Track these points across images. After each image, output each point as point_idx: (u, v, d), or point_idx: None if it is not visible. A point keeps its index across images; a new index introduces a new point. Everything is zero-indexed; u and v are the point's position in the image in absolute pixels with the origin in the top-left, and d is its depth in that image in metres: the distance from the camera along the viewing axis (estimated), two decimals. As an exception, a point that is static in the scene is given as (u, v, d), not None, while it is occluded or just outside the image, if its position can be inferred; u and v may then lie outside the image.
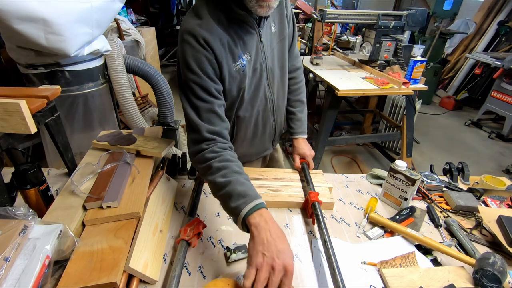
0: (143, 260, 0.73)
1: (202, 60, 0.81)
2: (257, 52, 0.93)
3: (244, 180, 0.76)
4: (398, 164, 1.02)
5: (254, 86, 0.97)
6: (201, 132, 0.82)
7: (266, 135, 1.15)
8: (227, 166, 0.78)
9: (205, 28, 0.80)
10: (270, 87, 1.02)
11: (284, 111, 1.19)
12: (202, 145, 0.83)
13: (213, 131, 0.83)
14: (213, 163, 0.79)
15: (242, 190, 0.73)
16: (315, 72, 2.43)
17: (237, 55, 0.87)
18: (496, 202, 1.08)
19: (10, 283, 0.61)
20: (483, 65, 4.21)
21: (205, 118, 0.83)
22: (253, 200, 0.71)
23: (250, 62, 0.91)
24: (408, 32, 3.22)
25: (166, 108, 2.27)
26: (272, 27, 0.97)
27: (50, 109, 0.92)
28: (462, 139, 3.76)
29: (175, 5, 6.14)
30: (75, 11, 1.45)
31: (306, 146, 1.20)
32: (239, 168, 0.80)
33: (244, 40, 0.87)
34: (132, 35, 2.71)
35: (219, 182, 0.76)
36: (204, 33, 0.79)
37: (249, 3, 0.78)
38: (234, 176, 0.76)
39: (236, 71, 0.88)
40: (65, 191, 0.88)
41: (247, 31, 0.88)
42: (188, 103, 0.85)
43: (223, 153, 0.81)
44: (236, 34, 0.85)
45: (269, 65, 0.98)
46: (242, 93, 0.94)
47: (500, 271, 0.72)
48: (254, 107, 1.01)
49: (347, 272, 0.75)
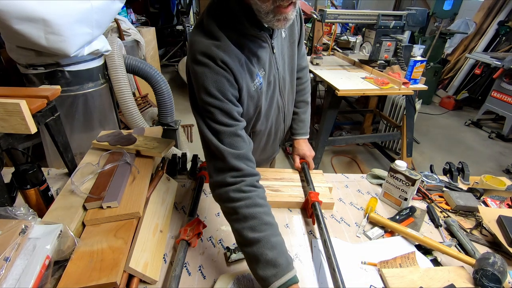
0: (143, 260, 0.73)
1: (222, 83, 0.74)
2: (270, 65, 0.88)
3: (275, 240, 0.69)
4: (398, 164, 1.02)
5: (269, 99, 0.93)
6: (226, 159, 0.73)
7: (277, 140, 1.14)
8: (257, 216, 0.70)
9: (222, 49, 0.73)
10: (282, 95, 0.99)
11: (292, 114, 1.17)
12: (227, 177, 0.74)
13: (238, 156, 0.75)
14: (240, 208, 0.71)
15: (272, 257, 0.66)
16: (315, 72, 2.43)
17: (255, 73, 0.82)
18: (496, 202, 1.08)
19: (10, 283, 0.61)
20: (483, 65, 4.21)
21: (228, 143, 0.75)
22: (285, 275, 0.64)
23: (265, 78, 0.87)
24: (408, 32, 3.22)
25: (166, 108, 2.27)
26: (283, 33, 0.92)
27: (50, 109, 0.92)
28: (462, 139, 3.76)
29: (175, 5, 6.14)
30: (75, 11, 1.45)
31: (307, 147, 1.20)
32: (268, 216, 0.73)
33: (258, 56, 0.82)
34: (132, 35, 2.71)
35: (246, 237, 0.69)
36: (222, 55, 0.72)
37: (265, 18, 0.70)
38: (264, 232, 0.69)
39: (254, 90, 0.84)
40: (65, 191, 0.88)
41: (260, 46, 0.82)
42: (208, 128, 0.76)
43: (252, 194, 0.73)
44: (250, 52, 0.79)
45: (280, 74, 0.94)
46: (259, 110, 0.90)
47: (500, 271, 0.72)
48: (268, 120, 0.99)
49: (347, 272, 0.75)
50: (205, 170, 1.12)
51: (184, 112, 2.84)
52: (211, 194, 0.79)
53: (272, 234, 0.70)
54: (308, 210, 0.98)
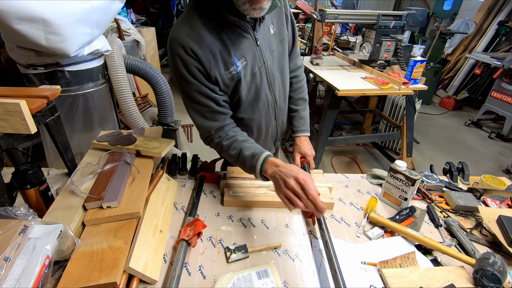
0: (143, 260, 0.73)
1: (192, 70, 0.84)
2: (255, 56, 0.92)
3: (249, 145, 0.90)
4: (398, 164, 1.02)
5: (254, 91, 0.97)
6: (209, 130, 0.94)
7: (269, 137, 1.15)
8: (233, 140, 0.92)
9: (194, 39, 0.81)
10: (271, 90, 1.02)
11: (286, 112, 1.19)
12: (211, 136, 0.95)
13: (219, 127, 0.94)
14: (222, 142, 0.93)
15: (250, 153, 0.87)
16: (315, 72, 2.43)
17: (230, 62, 0.87)
18: (496, 202, 1.08)
19: (10, 283, 0.61)
20: (483, 65, 4.21)
21: (210, 118, 0.93)
22: (260, 156, 0.85)
23: (246, 67, 0.91)
24: (408, 32, 3.22)
25: (166, 108, 2.27)
26: (270, 29, 0.96)
27: (50, 109, 0.92)
28: (462, 139, 3.76)
29: (175, 5, 6.14)
30: (75, 11, 1.45)
31: (308, 145, 1.19)
32: (243, 137, 0.93)
33: (238, 46, 0.87)
34: (132, 35, 2.71)
35: (232, 155, 0.91)
36: (193, 45, 0.81)
37: (242, 6, 0.77)
38: (241, 145, 0.90)
39: (229, 78, 0.89)
40: (65, 191, 0.88)
41: (241, 35, 0.87)
42: (192, 108, 0.93)
43: (228, 131, 0.94)
44: (229, 40, 0.85)
45: (269, 68, 0.98)
46: (238, 97, 0.96)
47: (500, 271, 0.72)
48: (255, 111, 1.02)
49: (347, 272, 0.75)
50: (205, 170, 1.12)
51: (184, 112, 2.85)
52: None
53: (248, 143, 0.91)
54: (308, 210, 0.97)
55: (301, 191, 0.74)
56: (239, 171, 1.13)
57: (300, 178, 0.74)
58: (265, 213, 0.99)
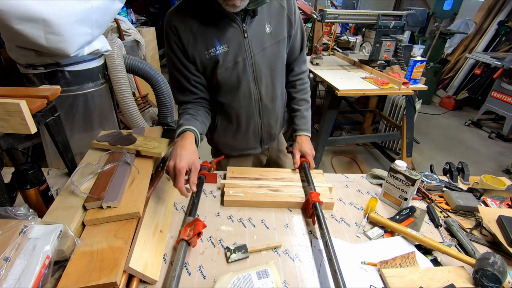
0: (143, 260, 0.73)
1: (172, 44, 0.97)
2: (240, 47, 0.98)
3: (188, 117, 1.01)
4: (398, 164, 1.02)
5: (234, 78, 1.03)
6: (177, 100, 1.10)
7: (250, 133, 1.17)
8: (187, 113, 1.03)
9: (179, 18, 0.94)
10: (256, 84, 1.06)
11: (276, 115, 1.19)
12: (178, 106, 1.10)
13: (185, 101, 1.07)
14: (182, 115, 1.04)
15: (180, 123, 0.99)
16: (315, 72, 2.43)
17: (211, 44, 0.96)
18: (496, 202, 1.08)
19: (10, 283, 0.61)
20: (483, 65, 4.21)
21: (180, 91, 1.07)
22: (181, 128, 0.96)
23: (227, 53, 0.97)
24: (408, 32, 3.22)
25: (166, 108, 2.27)
26: (266, 27, 0.99)
27: (50, 109, 0.92)
28: (462, 139, 3.76)
29: (175, 5, 6.14)
30: (75, 11, 1.45)
31: (309, 145, 1.19)
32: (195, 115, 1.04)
33: (223, 32, 0.95)
34: (132, 35, 2.71)
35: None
36: (176, 22, 0.94)
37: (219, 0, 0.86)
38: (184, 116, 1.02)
39: (208, 58, 0.98)
40: (65, 191, 0.88)
41: (227, 23, 0.95)
42: (170, 77, 1.07)
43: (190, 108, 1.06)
44: (214, 25, 0.94)
45: (256, 62, 1.02)
46: (216, 80, 1.03)
47: (500, 271, 0.72)
48: (234, 98, 1.07)
49: (347, 272, 0.75)
50: (205, 169, 1.12)
51: (184, 112, 2.84)
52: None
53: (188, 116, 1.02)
54: (308, 210, 0.97)
55: (173, 175, 0.85)
56: (239, 171, 1.13)
57: (176, 167, 0.83)
58: (265, 213, 0.99)
